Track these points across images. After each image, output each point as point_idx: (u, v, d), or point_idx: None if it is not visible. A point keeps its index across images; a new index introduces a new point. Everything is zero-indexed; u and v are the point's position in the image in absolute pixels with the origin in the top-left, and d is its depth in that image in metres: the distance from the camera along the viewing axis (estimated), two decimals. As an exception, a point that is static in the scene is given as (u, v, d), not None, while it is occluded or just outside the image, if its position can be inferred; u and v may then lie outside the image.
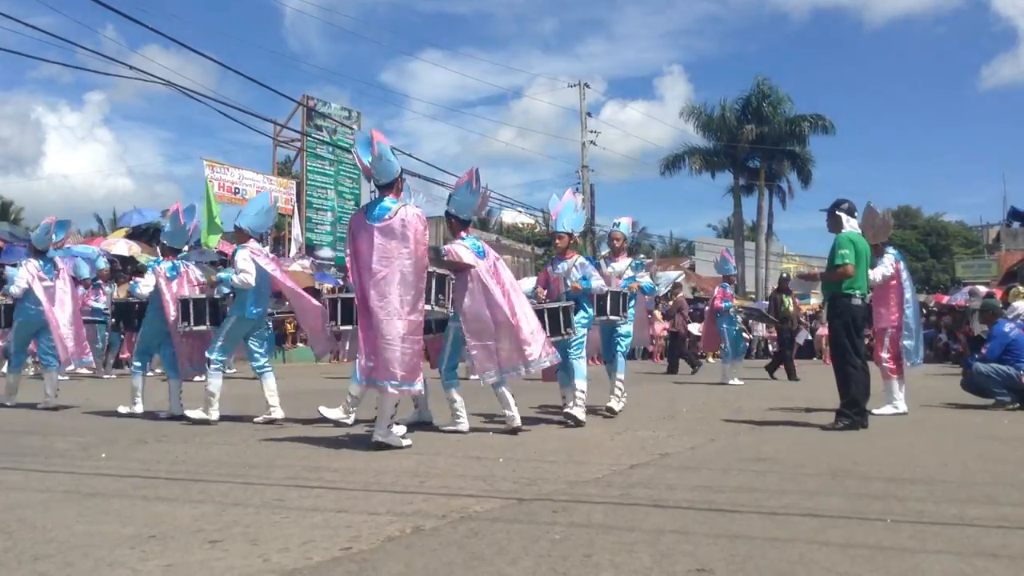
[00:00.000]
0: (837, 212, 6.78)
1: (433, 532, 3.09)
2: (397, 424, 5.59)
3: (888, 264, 7.65)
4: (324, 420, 6.59)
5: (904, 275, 7.81)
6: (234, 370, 14.59)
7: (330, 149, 25.64)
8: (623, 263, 7.90)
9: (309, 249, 24.38)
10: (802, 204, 43.14)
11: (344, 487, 4.01)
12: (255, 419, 6.84)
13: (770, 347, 21.51)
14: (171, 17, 71.04)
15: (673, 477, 4.33)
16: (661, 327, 19.23)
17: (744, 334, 17.31)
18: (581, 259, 7.10)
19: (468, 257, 6.05)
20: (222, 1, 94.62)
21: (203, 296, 7.30)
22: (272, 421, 6.80)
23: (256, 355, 7.08)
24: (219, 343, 6.84)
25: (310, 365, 17.16)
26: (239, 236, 7.08)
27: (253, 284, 6.68)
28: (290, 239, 24.43)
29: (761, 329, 21.79)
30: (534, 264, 33.72)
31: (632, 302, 7.63)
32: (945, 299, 24.55)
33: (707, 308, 17.22)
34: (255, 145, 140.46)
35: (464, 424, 6.17)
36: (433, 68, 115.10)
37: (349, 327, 6.71)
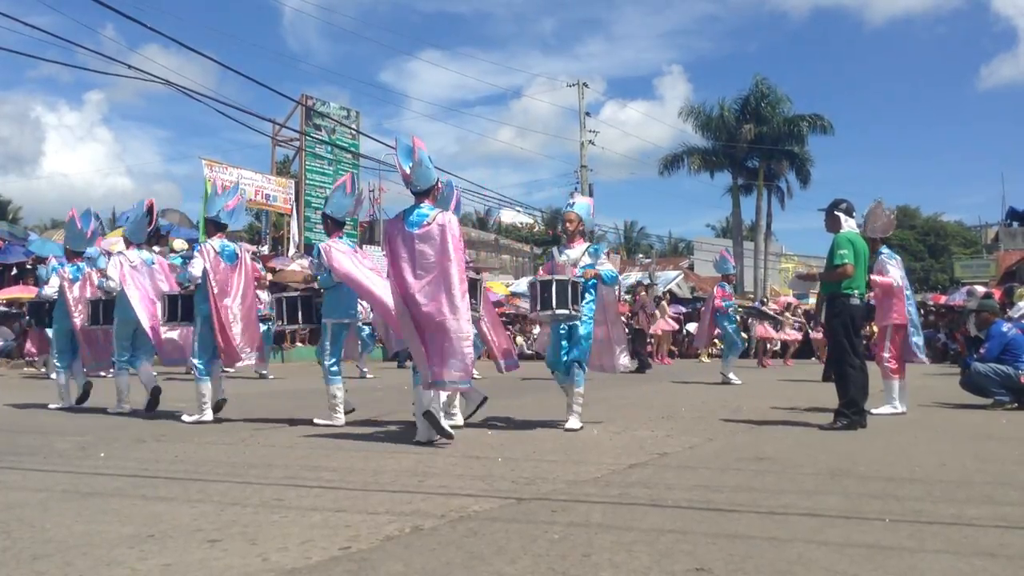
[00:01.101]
0: (835, 212, 6.78)
1: (432, 531, 3.09)
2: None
3: (893, 270, 7.65)
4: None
5: (902, 274, 7.82)
6: (232, 370, 14.58)
7: (329, 148, 25.60)
8: (578, 249, 6.69)
9: (307, 248, 24.34)
10: (801, 204, 43.22)
11: (343, 487, 4.01)
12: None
13: (768, 347, 21.41)
14: (171, 17, 71.06)
15: (672, 477, 4.34)
16: (656, 327, 19.20)
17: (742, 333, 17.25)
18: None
19: (343, 261, 6.32)
20: (222, 1, 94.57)
21: (97, 298, 7.71)
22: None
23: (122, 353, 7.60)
24: (112, 345, 7.47)
25: (309, 365, 17.12)
26: (124, 242, 7.73)
27: (117, 289, 7.25)
28: (288, 238, 24.41)
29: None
30: (533, 263, 33.70)
31: (591, 296, 6.48)
32: (943, 299, 24.55)
33: (702, 307, 17.23)
34: (254, 144, 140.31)
35: (341, 419, 6.46)
36: (433, 68, 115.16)
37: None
